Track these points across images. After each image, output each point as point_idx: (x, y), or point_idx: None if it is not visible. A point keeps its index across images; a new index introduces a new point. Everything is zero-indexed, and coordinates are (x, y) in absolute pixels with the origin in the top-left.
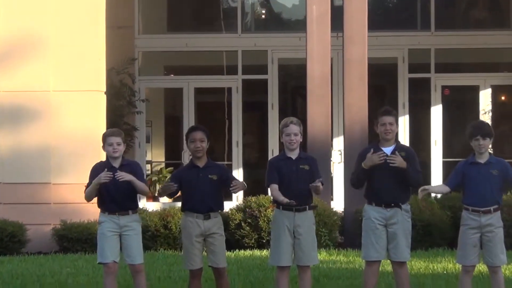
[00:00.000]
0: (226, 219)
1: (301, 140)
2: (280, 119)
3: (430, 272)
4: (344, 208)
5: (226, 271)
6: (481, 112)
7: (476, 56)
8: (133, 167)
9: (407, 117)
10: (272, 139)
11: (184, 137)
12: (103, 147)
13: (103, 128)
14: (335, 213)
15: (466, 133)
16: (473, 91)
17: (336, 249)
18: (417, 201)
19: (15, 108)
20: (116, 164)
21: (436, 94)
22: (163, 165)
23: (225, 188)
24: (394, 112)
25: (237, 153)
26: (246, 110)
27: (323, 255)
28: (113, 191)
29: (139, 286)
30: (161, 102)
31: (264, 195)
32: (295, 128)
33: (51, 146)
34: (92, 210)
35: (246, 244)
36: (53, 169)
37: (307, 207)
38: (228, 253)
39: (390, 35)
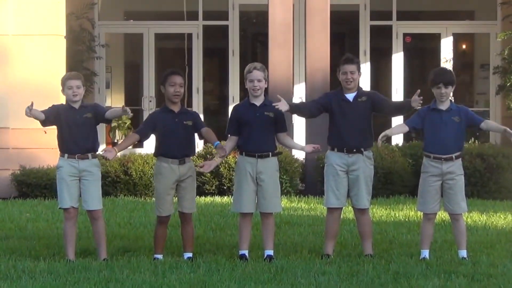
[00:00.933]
0: None
1: (265, 86)
2: (241, 66)
3: (392, 219)
4: (305, 155)
5: (192, 217)
6: (442, 60)
7: (438, 4)
8: (93, 108)
9: (368, 64)
10: (232, 86)
11: (161, 80)
12: (63, 90)
13: (62, 73)
14: (296, 160)
15: (428, 80)
16: (435, 39)
17: (297, 196)
18: (378, 149)
19: None
20: (76, 106)
21: (397, 42)
22: None
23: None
24: (356, 60)
25: (198, 99)
26: (206, 56)
27: (284, 202)
28: (74, 131)
29: (97, 232)
30: (121, 47)
31: (225, 141)
32: (259, 74)
33: (10, 90)
34: (51, 156)
35: (206, 191)
36: (12, 113)
37: (270, 153)
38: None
39: None
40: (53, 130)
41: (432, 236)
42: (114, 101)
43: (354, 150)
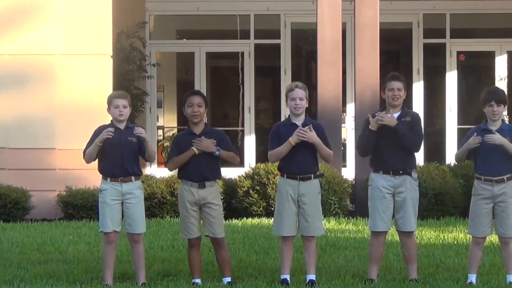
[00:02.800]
0: (234, 186)
1: (307, 105)
2: None
3: (441, 242)
4: (355, 176)
5: (225, 241)
6: (497, 78)
7: (492, 21)
8: (137, 137)
9: (421, 83)
10: (285, 105)
11: (183, 102)
12: (108, 109)
13: (109, 93)
14: (346, 180)
15: (480, 99)
16: (489, 57)
17: (346, 218)
18: (429, 169)
19: (20, 72)
20: (122, 127)
21: (451, 60)
22: (175, 130)
23: None
24: (402, 78)
25: (249, 119)
26: (258, 75)
27: (332, 224)
28: (118, 153)
29: (137, 255)
30: (173, 66)
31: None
32: (300, 93)
33: (57, 111)
34: (97, 176)
35: (254, 212)
36: (59, 134)
37: (312, 175)
38: (235, 221)
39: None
40: None
41: (481, 260)
42: (167, 120)
43: (401, 172)
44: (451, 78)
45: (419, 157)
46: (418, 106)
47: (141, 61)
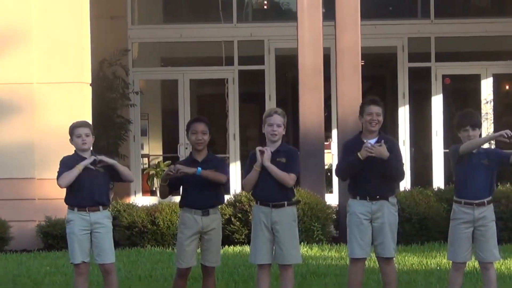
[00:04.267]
0: None
1: (283, 133)
2: None
3: (423, 268)
4: (339, 201)
5: (214, 270)
6: (483, 101)
7: (477, 44)
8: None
9: (407, 107)
10: None
11: (185, 128)
12: (71, 139)
13: (89, 120)
14: (329, 206)
15: (455, 124)
16: (475, 80)
17: (330, 244)
18: (412, 194)
19: None
20: (86, 156)
21: (436, 84)
22: (160, 158)
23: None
24: (381, 103)
25: (234, 145)
26: (243, 101)
27: (314, 251)
28: (85, 184)
29: (109, 286)
30: (158, 94)
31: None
32: (278, 119)
33: (35, 139)
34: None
35: (236, 240)
36: (38, 163)
37: (286, 202)
38: (227, 248)
39: (389, 23)
40: None
41: (461, 286)
42: (152, 148)
43: (378, 197)
44: (437, 102)
45: (405, 181)
46: (404, 130)
47: (124, 89)
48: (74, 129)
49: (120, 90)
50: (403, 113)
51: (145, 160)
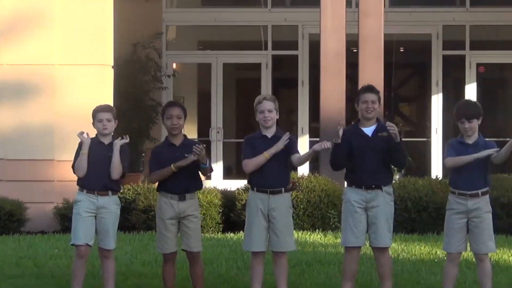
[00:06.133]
0: (233, 199)
1: (277, 117)
2: (311, 96)
3: (431, 257)
4: None
5: (200, 256)
6: None
7: None
8: (123, 145)
9: (440, 95)
10: (302, 117)
11: (161, 113)
12: (93, 123)
13: (110, 103)
14: None
15: (453, 114)
16: (509, 69)
17: None
18: (431, 183)
19: (19, 82)
20: (106, 141)
21: (470, 72)
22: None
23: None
24: (377, 90)
25: None
26: (276, 86)
27: (328, 238)
28: (97, 167)
29: (106, 271)
30: (194, 77)
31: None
32: (268, 105)
33: (55, 121)
34: None
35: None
36: (57, 145)
37: (283, 189)
38: (231, 235)
39: (424, 11)
40: None
41: (456, 277)
42: (187, 132)
43: (373, 186)
44: (471, 90)
45: (437, 171)
46: (437, 118)
47: (156, 71)
48: (96, 113)
49: (152, 72)
50: (436, 101)
51: None
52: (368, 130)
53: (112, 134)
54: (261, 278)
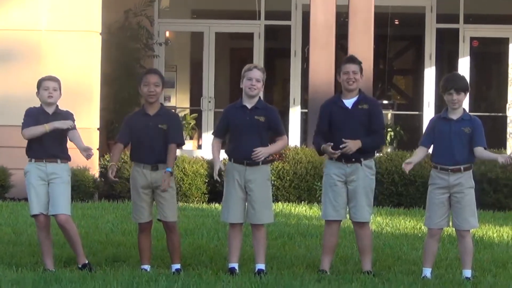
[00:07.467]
0: (220, 169)
1: (262, 89)
2: (302, 67)
3: (415, 232)
4: None
5: (176, 226)
6: (510, 65)
7: (507, 7)
8: (66, 117)
9: (433, 68)
10: (293, 88)
11: (138, 81)
12: (37, 92)
13: (97, 71)
14: None
15: (440, 86)
16: (503, 44)
17: None
18: None
19: (5, 48)
20: (50, 111)
21: (464, 46)
22: (187, 111)
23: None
24: (358, 61)
25: None
26: (268, 57)
27: (313, 210)
28: (43, 137)
29: (70, 239)
30: (187, 46)
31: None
32: (258, 74)
33: None
34: (81, 155)
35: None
36: None
37: (260, 161)
38: (216, 205)
39: None
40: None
41: (436, 253)
42: (179, 101)
43: (353, 160)
44: (464, 64)
45: None
46: (430, 91)
47: (148, 39)
48: (42, 81)
49: (144, 40)
50: (429, 75)
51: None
52: (349, 102)
53: (57, 104)
54: (238, 250)
